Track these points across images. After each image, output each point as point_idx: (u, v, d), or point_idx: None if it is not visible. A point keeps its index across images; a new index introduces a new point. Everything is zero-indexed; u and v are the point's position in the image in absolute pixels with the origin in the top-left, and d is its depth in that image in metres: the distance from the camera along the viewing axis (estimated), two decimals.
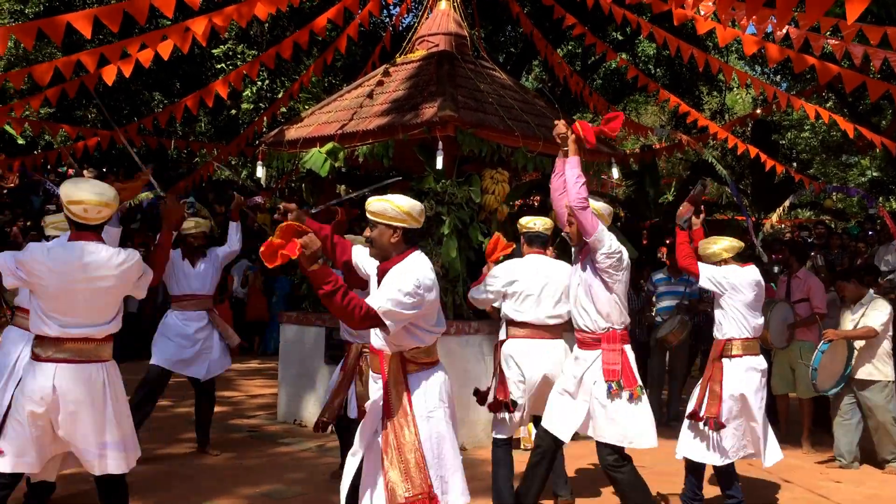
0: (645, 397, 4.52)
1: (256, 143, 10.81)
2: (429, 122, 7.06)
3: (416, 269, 3.48)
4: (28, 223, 14.58)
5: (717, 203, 18.52)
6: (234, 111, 17.71)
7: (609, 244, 4.44)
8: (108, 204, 3.91)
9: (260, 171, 8.60)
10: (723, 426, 4.99)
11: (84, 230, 3.91)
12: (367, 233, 3.61)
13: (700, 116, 10.63)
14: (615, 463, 4.48)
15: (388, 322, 3.37)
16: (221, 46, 16.62)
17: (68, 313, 3.84)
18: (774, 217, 12.33)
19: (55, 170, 16.57)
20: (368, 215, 3.59)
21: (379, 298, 3.39)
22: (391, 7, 18.15)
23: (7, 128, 13.48)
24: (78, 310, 3.85)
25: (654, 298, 8.89)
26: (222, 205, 17.37)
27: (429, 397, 3.54)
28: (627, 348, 4.57)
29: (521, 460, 5.15)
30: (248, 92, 16.73)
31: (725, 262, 5.27)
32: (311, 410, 7.72)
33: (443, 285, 7.12)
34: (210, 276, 6.74)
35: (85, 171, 16.91)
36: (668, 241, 14.22)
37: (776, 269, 9.02)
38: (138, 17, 6.48)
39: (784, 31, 6.84)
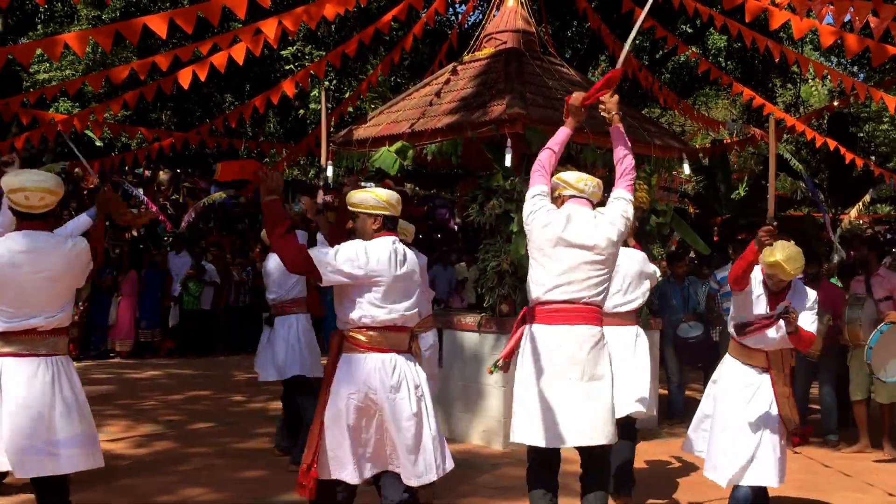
0: (524, 393, 4.03)
1: None
2: (497, 119, 7.04)
3: (372, 242, 3.68)
4: (107, 223, 15.03)
5: (793, 199, 18.04)
6: (301, 111, 17.98)
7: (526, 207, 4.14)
8: (50, 191, 3.76)
9: (329, 171, 8.69)
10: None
11: (30, 220, 3.76)
12: (350, 224, 3.82)
13: (775, 109, 10.37)
14: None
15: (320, 269, 3.53)
16: (290, 48, 16.88)
17: (14, 305, 3.67)
18: (853, 212, 11.96)
19: (132, 171, 17.05)
20: (350, 207, 3.77)
21: (320, 250, 3.63)
22: (457, 5, 18.16)
23: (86, 131, 13.91)
24: (25, 300, 3.68)
25: (719, 297, 8.58)
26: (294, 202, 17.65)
27: (349, 380, 3.61)
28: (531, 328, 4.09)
29: None
30: (315, 92, 16.96)
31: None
32: None
33: (512, 283, 7.10)
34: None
35: (161, 172, 17.40)
36: (739, 238, 13.92)
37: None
38: (212, 19, 6.64)
39: (864, 20, 6.60)
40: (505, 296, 7.13)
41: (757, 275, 4.58)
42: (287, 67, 16.92)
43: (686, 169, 8.60)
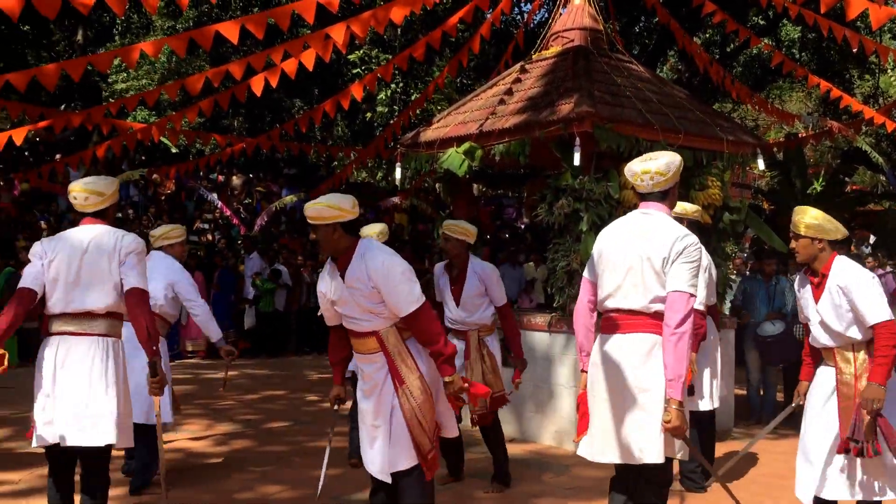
0: None
1: (393, 144, 11.06)
2: (566, 118, 7.00)
3: (382, 250, 3.84)
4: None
5: (873, 192, 17.46)
6: (368, 114, 18.19)
7: None
8: (95, 191, 4.09)
9: (398, 173, 8.79)
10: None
11: (85, 216, 4.15)
12: (312, 236, 3.90)
13: (854, 101, 10.02)
14: None
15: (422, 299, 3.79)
16: (357, 52, 17.10)
17: (71, 288, 3.98)
18: None
19: (207, 176, 17.48)
20: (309, 221, 3.79)
21: (408, 298, 3.75)
22: (523, 4, 18.12)
23: (163, 138, 14.36)
24: (81, 282, 3.99)
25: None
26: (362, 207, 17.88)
27: (424, 353, 3.89)
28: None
29: None
30: (382, 95, 17.14)
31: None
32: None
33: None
34: None
35: (234, 177, 17.80)
36: None
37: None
38: (281, 24, 6.77)
39: None
40: (575, 295, 7.06)
41: (797, 284, 4.34)
42: (354, 71, 17.14)
43: (760, 164, 8.40)
